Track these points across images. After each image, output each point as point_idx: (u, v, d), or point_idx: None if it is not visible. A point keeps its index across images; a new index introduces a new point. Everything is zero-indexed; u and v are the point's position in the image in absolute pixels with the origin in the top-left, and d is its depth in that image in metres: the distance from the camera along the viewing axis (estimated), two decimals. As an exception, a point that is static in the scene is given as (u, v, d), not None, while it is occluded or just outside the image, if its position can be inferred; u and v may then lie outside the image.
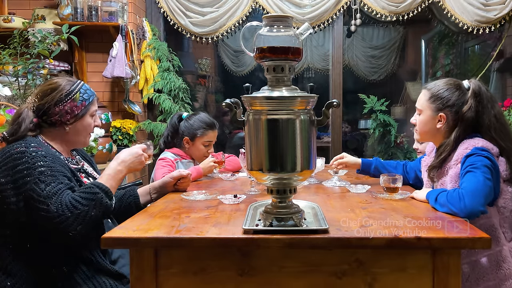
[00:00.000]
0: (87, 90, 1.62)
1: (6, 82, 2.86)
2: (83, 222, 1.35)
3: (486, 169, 1.43)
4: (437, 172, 1.64)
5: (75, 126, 1.59)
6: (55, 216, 1.33)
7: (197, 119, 2.37)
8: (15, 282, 1.41)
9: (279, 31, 1.19)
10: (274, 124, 1.16)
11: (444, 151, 1.59)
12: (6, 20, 3.30)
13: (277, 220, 1.20)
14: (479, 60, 4.52)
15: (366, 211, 1.43)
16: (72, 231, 1.34)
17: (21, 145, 1.44)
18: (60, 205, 1.34)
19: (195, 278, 1.19)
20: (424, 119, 1.67)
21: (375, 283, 1.18)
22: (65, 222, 1.33)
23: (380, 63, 5.42)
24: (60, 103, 1.55)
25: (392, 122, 3.97)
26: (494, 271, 1.49)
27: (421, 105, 1.68)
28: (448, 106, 1.61)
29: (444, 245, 1.16)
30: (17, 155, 1.41)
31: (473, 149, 1.50)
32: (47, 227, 1.36)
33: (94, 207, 1.38)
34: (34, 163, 1.40)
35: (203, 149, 2.34)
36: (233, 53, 5.49)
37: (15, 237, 1.43)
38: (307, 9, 3.70)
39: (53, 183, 1.38)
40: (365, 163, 2.05)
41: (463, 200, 1.36)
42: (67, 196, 1.37)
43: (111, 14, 3.39)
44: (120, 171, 1.54)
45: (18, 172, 1.38)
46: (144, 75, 3.58)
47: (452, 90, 1.62)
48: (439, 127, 1.64)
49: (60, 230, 1.33)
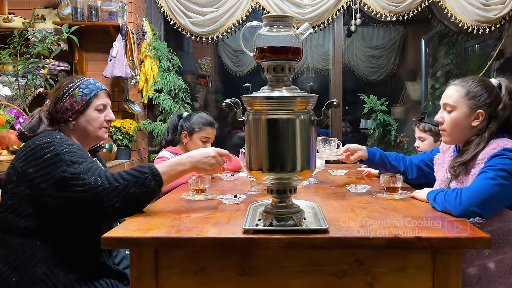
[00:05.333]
0: (88, 85, 1.61)
1: (6, 82, 2.86)
2: (119, 195, 1.35)
3: (503, 173, 1.39)
4: (463, 169, 1.58)
5: (78, 122, 1.59)
6: (92, 187, 1.35)
7: (197, 116, 2.41)
8: (19, 278, 1.40)
9: (279, 31, 1.18)
10: (274, 124, 1.16)
11: (477, 148, 1.53)
12: (6, 20, 3.30)
13: (277, 220, 1.20)
14: (479, 60, 4.52)
15: (366, 211, 1.43)
16: (107, 202, 1.34)
17: (47, 137, 1.46)
18: (99, 177, 1.37)
19: (195, 278, 1.19)
20: (459, 116, 1.58)
21: (375, 283, 1.18)
22: (102, 192, 1.34)
23: (380, 63, 5.42)
24: (60, 101, 1.57)
25: (392, 122, 3.97)
26: (507, 276, 1.47)
27: (455, 101, 1.59)
28: (486, 104, 1.56)
29: (444, 245, 1.16)
30: (44, 145, 1.43)
31: (500, 150, 1.46)
32: (84, 201, 1.35)
33: (135, 184, 1.37)
34: (63, 149, 1.42)
35: (201, 144, 2.33)
36: (233, 53, 5.48)
37: (41, 232, 1.43)
38: (307, 9, 3.70)
39: (85, 162, 1.42)
40: (370, 151, 2.01)
41: (459, 198, 1.36)
42: (107, 171, 1.41)
43: (111, 14, 3.39)
44: (183, 163, 1.50)
45: (47, 160, 1.40)
46: (144, 75, 3.58)
47: (489, 88, 1.58)
48: (475, 125, 1.57)
49: (96, 201, 1.34)
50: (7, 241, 1.44)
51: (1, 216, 1.46)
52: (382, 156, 1.99)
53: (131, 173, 1.40)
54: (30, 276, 1.40)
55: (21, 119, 2.64)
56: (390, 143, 4.00)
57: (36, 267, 1.40)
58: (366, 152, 2.00)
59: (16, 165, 1.45)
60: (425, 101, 4.74)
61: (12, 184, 1.44)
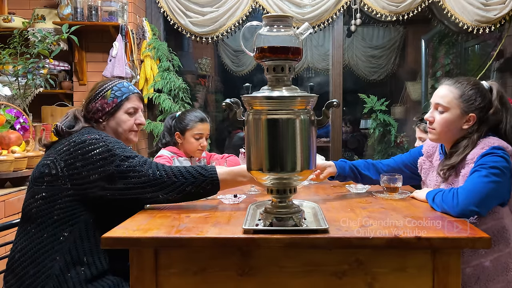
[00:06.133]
0: (121, 88, 1.64)
1: (6, 82, 2.86)
2: (175, 191, 1.43)
3: (494, 170, 1.40)
4: (452, 171, 1.59)
5: (108, 123, 1.62)
6: (150, 179, 1.42)
7: (187, 114, 2.40)
8: (36, 271, 1.40)
9: (279, 31, 1.18)
10: (274, 124, 1.16)
11: (465, 150, 1.54)
12: (6, 20, 3.30)
13: (277, 220, 1.20)
14: (479, 60, 4.52)
15: (366, 211, 1.43)
16: (163, 195, 1.43)
17: (93, 133, 1.50)
18: (157, 170, 1.44)
19: (195, 278, 1.19)
20: (451, 117, 1.58)
21: (375, 283, 1.18)
22: (160, 185, 1.42)
23: (380, 63, 5.42)
24: (93, 101, 1.61)
25: (392, 122, 3.97)
26: (504, 274, 1.47)
27: (449, 102, 1.58)
28: (479, 108, 1.56)
29: (444, 245, 1.16)
30: (92, 140, 1.46)
31: (489, 149, 1.46)
32: (141, 191, 1.41)
33: (192, 184, 1.44)
34: (113, 145, 1.47)
35: (195, 142, 2.34)
36: (233, 53, 5.49)
37: (72, 225, 1.45)
38: (307, 9, 3.70)
39: (137, 157, 1.47)
40: (339, 166, 1.79)
41: (456, 198, 1.36)
42: (164, 165, 1.47)
43: (111, 14, 3.39)
44: (243, 175, 1.50)
45: (97, 155, 1.44)
46: (144, 75, 3.58)
47: (483, 92, 1.58)
48: (465, 128, 1.58)
49: (153, 192, 1.42)
50: (32, 232, 1.45)
51: (30, 207, 1.47)
52: (352, 168, 1.79)
53: (191, 172, 1.46)
54: (46, 270, 1.40)
55: (21, 119, 2.64)
56: (390, 143, 4.00)
57: (54, 261, 1.41)
58: (335, 167, 1.78)
59: (58, 159, 1.46)
60: (425, 101, 4.75)
61: (50, 176, 1.45)
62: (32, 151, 2.51)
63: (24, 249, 1.44)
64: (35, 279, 1.40)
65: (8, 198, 2.24)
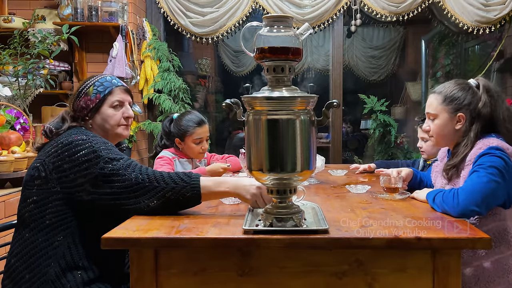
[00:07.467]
0: (104, 83, 1.59)
1: (6, 82, 2.86)
2: (155, 196, 1.36)
3: (493, 170, 1.40)
4: (454, 172, 1.60)
5: (95, 120, 1.58)
6: (132, 184, 1.36)
7: (185, 118, 2.34)
8: (32, 276, 1.39)
9: (279, 31, 1.18)
10: (274, 124, 1.16)
11: (466, 149, 1.56)
12: (6, 20, 3.30)
13: (277, 220, 1.20)
14: (479, 60, 4.52)
15: (366, 211, 1.43)
16: (144, 200, 1.36)
17: (80, 134, 1.46)
18: (140, 174, 1.38)
19: (195, 278, 1.19)
20: (441, 123, 1.63)
21: (375, 283, 1.18)
22: (141, 190, 1.36)
23: (380, 63, 5.42)
24: (77, 99, 1.58)
25: (392, 122, 3.97)
26: (505, 276, 1.47)
27: (435, 109, 1.64)
28: (465, 105, 1.59)
29: (444, 245, 1.16)
30: (78, 141, 1.42)
31: (486, 149, 1.47)
32: (122, 196, 1.36)
33: (172, 190, 1.36)
34: (99, 146, 1.42)
35: (195, 147, 2.31)
36: (233, 53, 5.49)
37: (65, 229, 1.43)
38: (307, 9, 3.70)
39: (122, 159, 1.41)
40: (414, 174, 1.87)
41: (456, 199, 1.36)
42: (148, 168, 1.41)
43: (111, 14, 3.39)
44: (226, 182, 1.42)
45: (83, 156, 1.40)
46: (144, 75, 3.58)
47: (466, 89, 1.61)
48: (458, 128, 1.61)
49: (134, 197, 1.35)
50: (26, 237, 1.43)
51: (23, 212, 1.45)
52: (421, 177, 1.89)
53: (173, 178, 1.38)
54: (41, 276, 1.39)
55: (21, 119, 2.64)
56: (390, 143, 4.00)
57: (49, 267, 1.40)
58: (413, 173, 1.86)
59: (46, 161, 1.43)
60: (425, 102, 4.74)
61: (40, 180, 1.43)
62: (32, 151, 2.51)
63: (19, 254, 1.42)
64: (31, 284, 1.39)
65: (8, 198, 2.25)
